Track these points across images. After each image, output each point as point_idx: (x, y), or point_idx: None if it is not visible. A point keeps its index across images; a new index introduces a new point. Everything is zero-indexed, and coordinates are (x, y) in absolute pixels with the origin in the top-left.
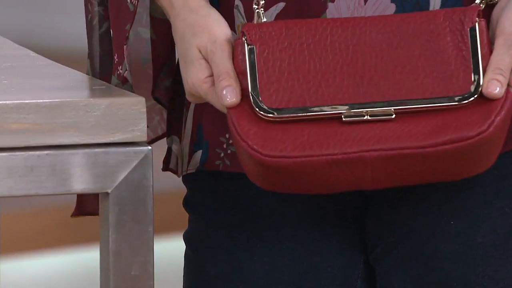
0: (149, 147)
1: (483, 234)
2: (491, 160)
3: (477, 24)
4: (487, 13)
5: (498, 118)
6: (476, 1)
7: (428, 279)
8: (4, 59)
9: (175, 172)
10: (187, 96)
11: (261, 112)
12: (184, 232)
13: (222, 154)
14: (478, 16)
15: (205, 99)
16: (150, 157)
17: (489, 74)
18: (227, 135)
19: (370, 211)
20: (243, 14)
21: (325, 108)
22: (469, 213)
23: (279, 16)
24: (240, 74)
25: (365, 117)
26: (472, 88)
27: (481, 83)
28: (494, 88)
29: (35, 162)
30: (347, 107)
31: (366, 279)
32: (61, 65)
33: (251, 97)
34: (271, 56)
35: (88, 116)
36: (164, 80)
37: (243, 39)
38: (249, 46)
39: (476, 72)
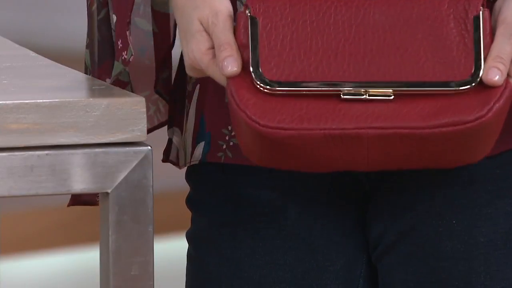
0: (149, 147)
1: (485, 234)
2: (486, 149)
3: (481, 13)
4: (490, 2)
5: (497, 105)
6: None
7: (429, 278)
8: (4, 59)
9: (175, 163)
10: (187, 71)
11: (261, 85)
12: (187, 231)
13: (224, 146)
14: (483, 5)
15: (206, 72)
16: (150, 157)
17: (489, 62)
18: (229, 127)
19: (372, 209)
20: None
21: (324, 84)
22: (471, 212)
23: None
24: (241, 47)
25: (364, 96)
26: (473, 75)
27: (481, 70)
28: (494, 75)
29: (35, 162)
30: (346, 84)
31: (368, 278)
32: (61, 65)
33: (251, 69)
34: (274, 31)
35: (88, 116)
36: (161, 73)
37: (246, 11)
38: (252, 19)
39: (477, 60)
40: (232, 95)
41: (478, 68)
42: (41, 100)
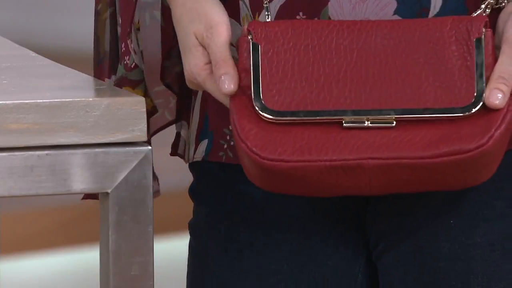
0: (149, 147)
1: (482, 234)
2: (490, 172)
3: (483, 36)
4: (493, 18)
5: (498, 132)
6: (482, 6)
7: (428, 278)
8: (4, 59)
9: (182, 157)
10: (187, 83)
11: (263, 114)
12: (189, 222)
13: (225, 146)
14: (485, 26)
15: (203, 87)
16: (150, 157)
17: (492, 83)
18: (230, 127)
19: (371, 209)
20: (248, 5)
21: (326, 113)
22: (469, 213)
23: (282, 8)
24: (243, 72)
25: (366, 124)
26: (474, 100)
27: (483, 95)
28: (496, 98)
29: (35, 162)
30: (348, 112)
31: (368, 274)
32: (61, 65)
33: (253, 98)
34: (276, 57)
35: (88, 116)
36: (175, 67)
37: (249, 37)
38: (254, 45)
39: (479, 84)
40: (234, 124)
41: (480, 92)
42: (41, 100)
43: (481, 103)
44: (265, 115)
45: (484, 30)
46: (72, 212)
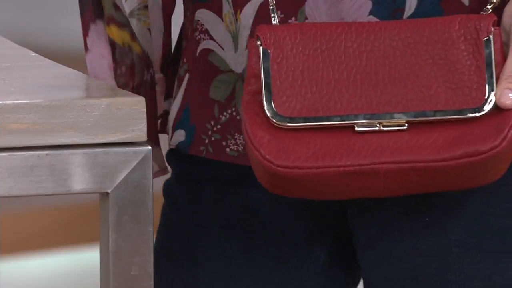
0: (149, 147)
1: (458, 232)
2: (501, 171)
3: (491, 36)
4: (499, 11)
5: (511, 133)
6: (488, 6)
7: (406, 275)
8: (4, 59)
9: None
10: None
11: (274, 121)
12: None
13: (206, 141)
14: (494, 25)
15: None
16: (150, 157)
17: (502, 83)
18: (212, 122)
19: (351, 207)
20: (230, 2)
21: (338, 118)
22: (444, 211)
23: (261, 7)
24: (253, 77)
25: (378, 127)
26: (485, 100)
27: (494, 95)
28: (507, 98)
29: (35, 162)
30: (360, 117)
31: (333, 254)
32: (61, 65)
33: (264, 104)
34: (285, 62)
35: (88, 116)
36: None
37: (258, 42)
38: (263, 50)
39: (490, 84)
40: (246, 131)
41: (491, 92)
42: (41, 100)
43: (492, 103)
44: (277, 122)
45: (492, 29)
46: (72, 212)
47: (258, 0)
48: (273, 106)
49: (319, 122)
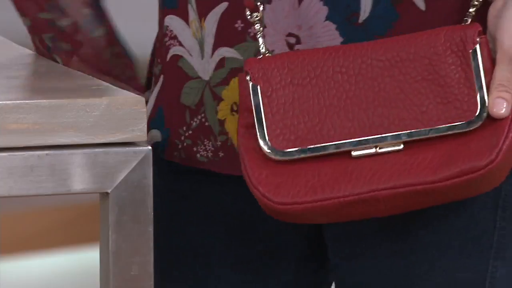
0: (149, 147)
1: (422, 230)
2: (498, 181)
3: (478, 46)
4: (481, 12)
5: (505, 145)
6: (470, 10)
7: (372, 276)
8: (4, 59)
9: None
10: None
11: (270, 156)
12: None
13: (180, 146)
14: (479, 35)
15: None
16: (150, 157)
17: (493, 92)
18: (184, 127)
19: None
20: (195, 10)
21: (333, 146)
22: (411, 211)
23: (223, 15)
24: (246, 111)
25: (374, 151)
26: (478, 112)
27: (486, 105)
28: (500, 107)
29: (35, 162)
30: (355, 142)
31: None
32: (61, 65)
33: (259, 139)
34: (275, 95)
35: (88, 116)
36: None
37: (247, 78)
38: (253, 86)
39: (481, 95)
40: (245, 168)
41: (483, 103)
42: (41, 100)
43: (485, 115)
44: (273, 156)
45: (478, 39)
46: (72, 212)
47: (221, 8)
48: (268, 141)
49: (314, 152)
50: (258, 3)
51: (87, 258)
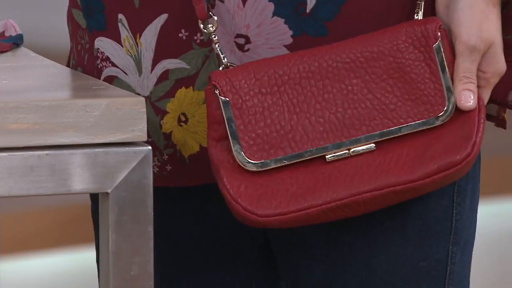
0: (149, 147)
1: (383, 221)
2: (467, 170)
3: (440, 41)
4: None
5: (479, 137)
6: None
7: (334, 269)
8: (4, 59)
9: None
10: None
11: (246, 168)
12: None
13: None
14: (439, 29)
15: None
16: (150, 157)
17: (458, 85)
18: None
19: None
20: (127, 27)
21: (308, 153)
22: None
23: (163, 28)
24: (215, 123)
25: (348, 153)
26: (447, 105)
27: (453, 99)
28: (467, 99)
29: (35, 162)
30: (329, 147)
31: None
32: (61, 65)
33: (234, 153)
34: (245, 106)
35: (88, 116)
36: None
37: (216, 91)
38: (223, 100)
39: (448, 89)
40: (222, 182)
41: (450, 97)
42: (41, 100)
43: (453, 108)
44: (249, 168)
45: (439, 33)
46: (72, 212)
47: (159, 22)
48: (243, 153)
49: (290, 160)
50: (210, 12)
51: (87, 258)
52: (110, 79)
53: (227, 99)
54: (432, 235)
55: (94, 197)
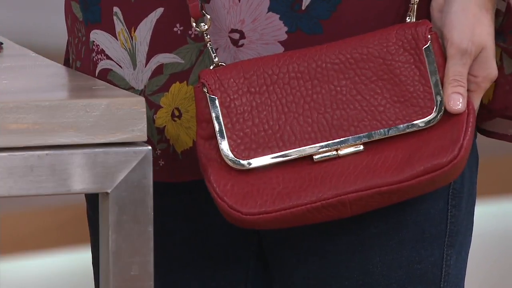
0: (149, 147)
1: (377, 225)
2: (457, 175)
3: (430, 43)
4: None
5: (466, 140)
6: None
7: (329, 272)
8: (4, 59)
9: None
10: None
11: (234, 166)
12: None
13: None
14: (430, 31)
15: None
16: (150, 157)
17: (448, 88)
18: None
19: (266, 242)
20: (122, 20)
21: (295, 153)
22: None
23: (158, 22)
24: (204, 122)
25: (335, 154)
26: (435, 108)
27: (443, 102)
28: (456, 103)
29: (35, 162)
30: (316, 147)
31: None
32: (61, 65)
33: (221, 151)
34: (234, 104)
35: (88, 116)
36: None
37: (204, 89)
38: (211, 97)
39: (437, 92)
40: (209, 180)
41: (439, 100)
42: (41, 100)
43: (442, 111)
44: (236, 167)
45: (429, 36)
46: (72, 212)
47: (154, 16)
48: (230, 151)
49: (277, 159)
50: (203, 11)
51: (87, 258)
52: (105, 72)
53: (215, 97)
54: (427, 238)
55: (91, 202)
